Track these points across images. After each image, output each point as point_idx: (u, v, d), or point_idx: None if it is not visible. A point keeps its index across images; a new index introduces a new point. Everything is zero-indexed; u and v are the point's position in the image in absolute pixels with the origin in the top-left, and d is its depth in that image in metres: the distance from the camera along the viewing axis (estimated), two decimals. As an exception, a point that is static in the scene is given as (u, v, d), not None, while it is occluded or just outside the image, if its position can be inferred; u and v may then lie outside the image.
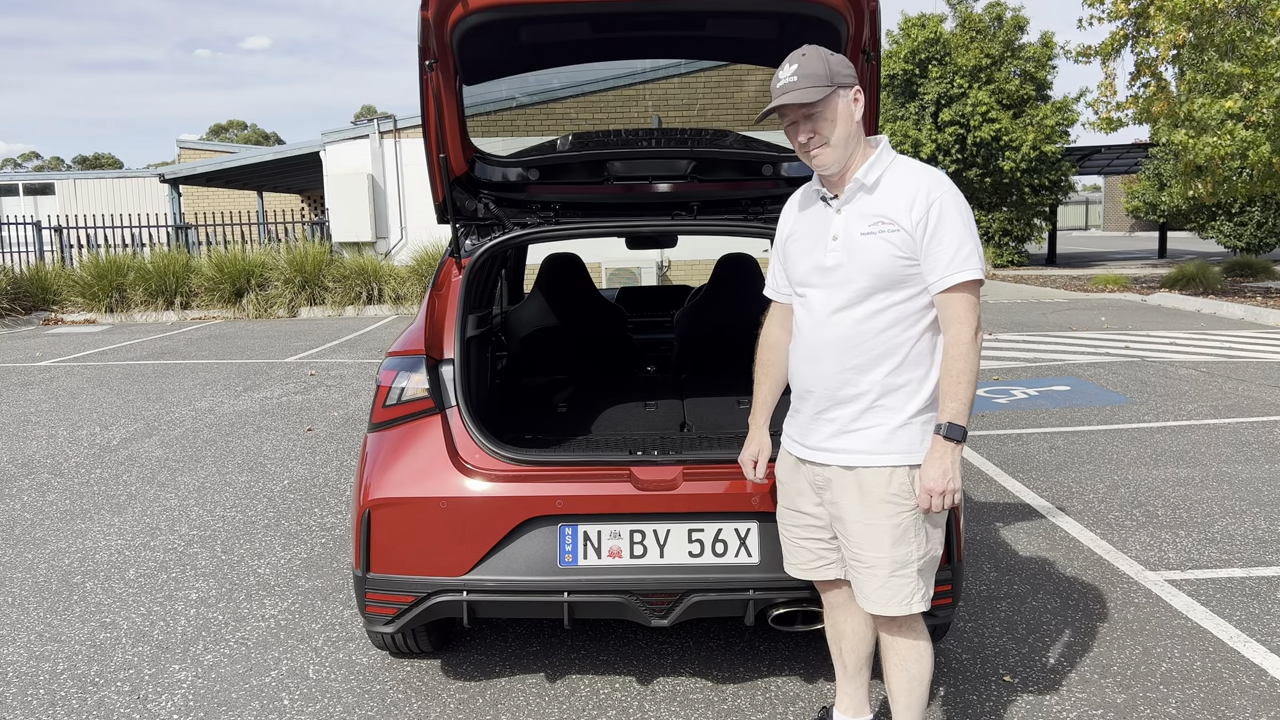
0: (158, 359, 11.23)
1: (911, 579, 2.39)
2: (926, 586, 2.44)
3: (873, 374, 2.35)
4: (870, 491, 2.37)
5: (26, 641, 3.68)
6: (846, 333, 2.36)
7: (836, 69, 2.32)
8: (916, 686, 2.48)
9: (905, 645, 2.48)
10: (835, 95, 2.32)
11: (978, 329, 2.28)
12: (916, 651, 2.48)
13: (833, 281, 2.38)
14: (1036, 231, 27.80)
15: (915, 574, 2.39)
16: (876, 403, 2.35)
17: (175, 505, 5.37)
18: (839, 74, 2.32)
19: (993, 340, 11.68)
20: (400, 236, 18.52)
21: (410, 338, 3.23)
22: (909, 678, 2.48)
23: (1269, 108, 13.72)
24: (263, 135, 70.79)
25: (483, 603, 2.92)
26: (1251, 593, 3.90)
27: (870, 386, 2.35)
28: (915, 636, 2.48)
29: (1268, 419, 7.00)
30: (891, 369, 2.33)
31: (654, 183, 3.69)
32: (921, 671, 2.48)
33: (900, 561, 2.38)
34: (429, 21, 2.98)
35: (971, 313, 2.27)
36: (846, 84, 2.33)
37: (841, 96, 2.33)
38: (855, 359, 2.35)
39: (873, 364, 2.34)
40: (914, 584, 2.40)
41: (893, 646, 2.50)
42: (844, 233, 2.37)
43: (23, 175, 35.02)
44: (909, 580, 2.39)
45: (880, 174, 2.36)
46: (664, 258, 17.74)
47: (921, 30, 25.63)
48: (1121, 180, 37.54)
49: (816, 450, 2.46)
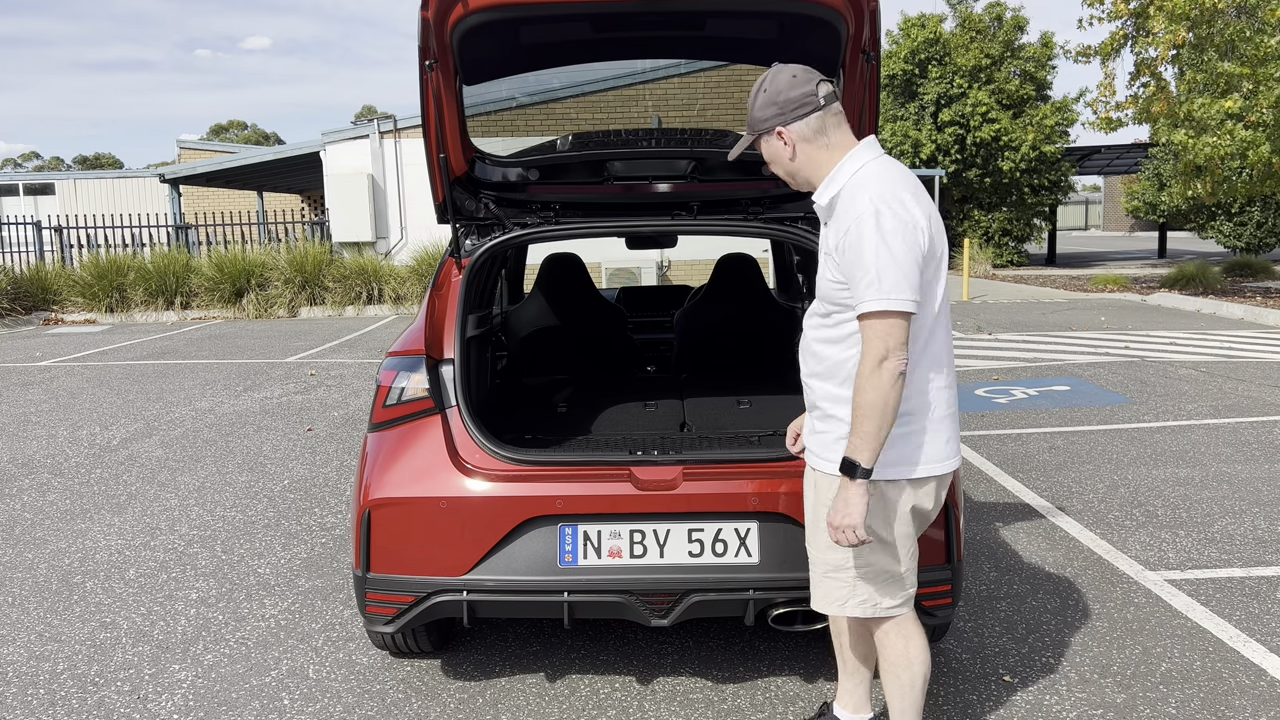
0: (158, 359, 11.23)
1: (846, 584, 2.43)
2: (871, 596, 2.42)
3: (825, 383, 2.43)
4: (821, 492, 2.46)
5: (26, 641, 3.68)
6: (809, 340, 2.47)
7: (756, 117, 2.39)
8: (908, 693, 2.48)
9: (893, 652, 2.48)
10: (760, 141, 2.42)
11: (880, 359, 2.18)
12: (906, 659, 2.47)
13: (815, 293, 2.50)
14: (1036, 231, 27.81)
15: (852, 579, 2.42)
16: (829, 412, 2.43)
17: (175, 505, 5.37)
18: (757, 122, 2.39)
19: (992, 340, 11.69)
20: (400, 236, 18.52)
21: (410, 338, 3.23)
22: (899, 685, 2.48)
23: (1269, 108, 13.72)
24: (263, 135, 70.79)
25: (483, 603, 2.92)
26: (1251, 593, 3.90)
27: (824, 395, 2.43)
28: (902, 644, 2.47)
29: (1268, 419, 7.00)
30: (840, 382, 2.39)
31: (654, 183, 3.69)
32: (912, 679, 2.47)
33: (833, 565, 2.44)
34: (429, 21, 2.98)
35: (877, 342, 2.19)
36: (765, 130, 2.39)
37: (765, 141, 2.41)
38: (813, 366, 2.47)
39: (825, 374, 2.43)
40: (849, 589, 2.43)
41: (881, 652, 2.52)
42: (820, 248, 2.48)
43: (23, 175, 35.02)
44: (842, 584, 2.44)
45: (834, 195, 2.38)
46: (664, 258, 17.74)
47: (921, 30, 25.64)
48: (1121, 180, 37.55)
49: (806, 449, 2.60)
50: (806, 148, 2.37)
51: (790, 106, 2.34)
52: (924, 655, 2.48)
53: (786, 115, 2.35)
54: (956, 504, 3.00)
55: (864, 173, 2.35)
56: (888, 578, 2.42)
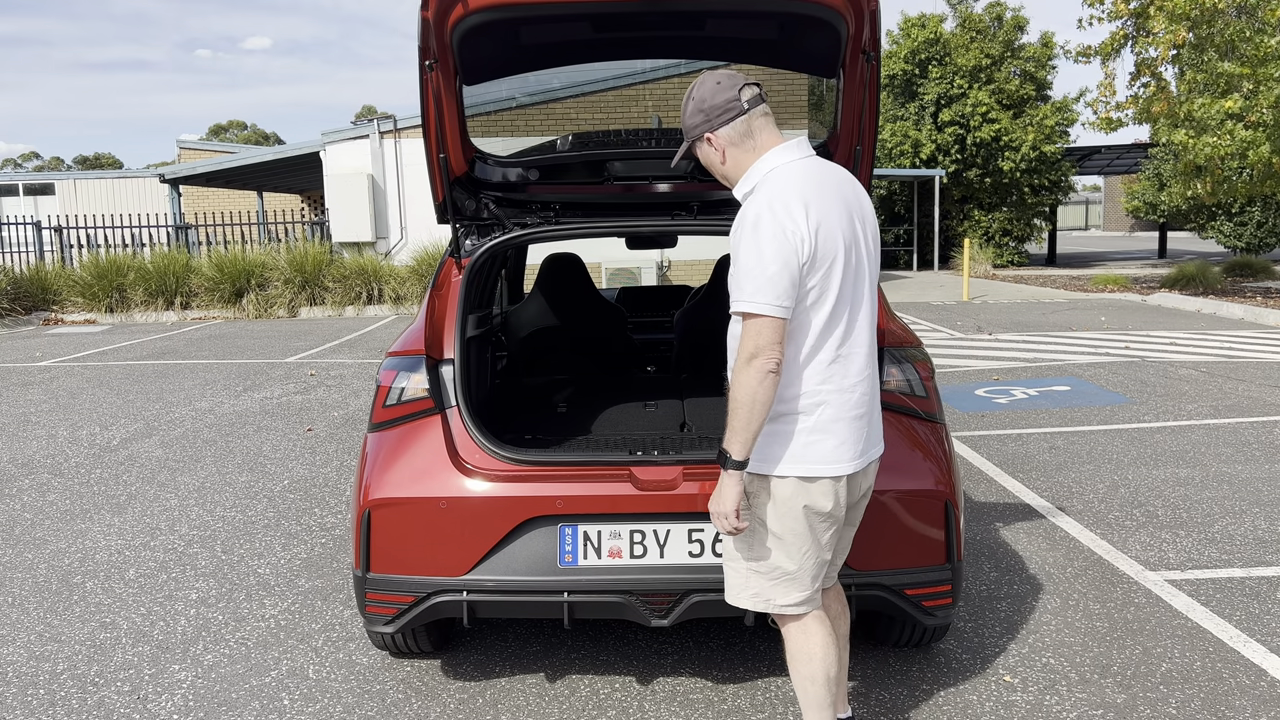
0: (158, 359, 11.23)
1: (739, 574, 2.51)
2: (763, 590, 2.47)
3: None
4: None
5: (26, 641, 3.68)
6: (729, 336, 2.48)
7: (687, 124, 2.46)
8: (809, 686, 2.51)
9: (793, 645, 2.52)
10: (694, 148, 2.49)
11: (752, 356, 2.24)
12: (806, 653, 2.50)
13: None
14: (1036, 231, 27.83)
15: (745, 571, 2.49)
16: None
17: (175, 505, 5.37)
18: (689, 129, 2.47)
19: (993, 340, 11.69)
20: (400, 236, 18.52)
21: (410, 338, 3.23)
22: (800, 677, 2.53)
23: (1269, 108, 13.73)
24: (263, 135, 70.79)
25: (483, 603, 2.92)
26: (1251, 593, 3.90)
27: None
28: (802, 638, 2.51)
29: (1268, 419, 7.00)
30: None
31: (654, 183, 3.69)
32: (812, 673, 2.50)
33: (729, 554, 2.53)
34: (429, 21, 2.98)
35: (747, 340, 2.26)
36: (696, 136, 2.46)
37: (699, 148, 2.47)
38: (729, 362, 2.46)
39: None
40: (743, 579, 2.50)
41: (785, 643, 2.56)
42: None
43: (23, 175, 35.02)
44: (736, 574, 2.52)
45: (745, 194, 2.44)
46: (664, 258, 17.74)
47: (921, 30, 25.65)
48: (1121, 180, 37.57)
49: None
50: (735, 151, 2.43)
51: (715, 113, 2.40)
52: (825, 653, 2.49)
53: (713, 121, 2.41)
54: (956, 504, 3.00)
55: (773, 175, 2.39)
56: (779, 574, 2.46)
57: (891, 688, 3.17)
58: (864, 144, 3.35)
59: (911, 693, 3.14)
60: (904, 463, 2.94)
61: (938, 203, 24.76)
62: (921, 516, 2.94)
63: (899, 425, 2.96)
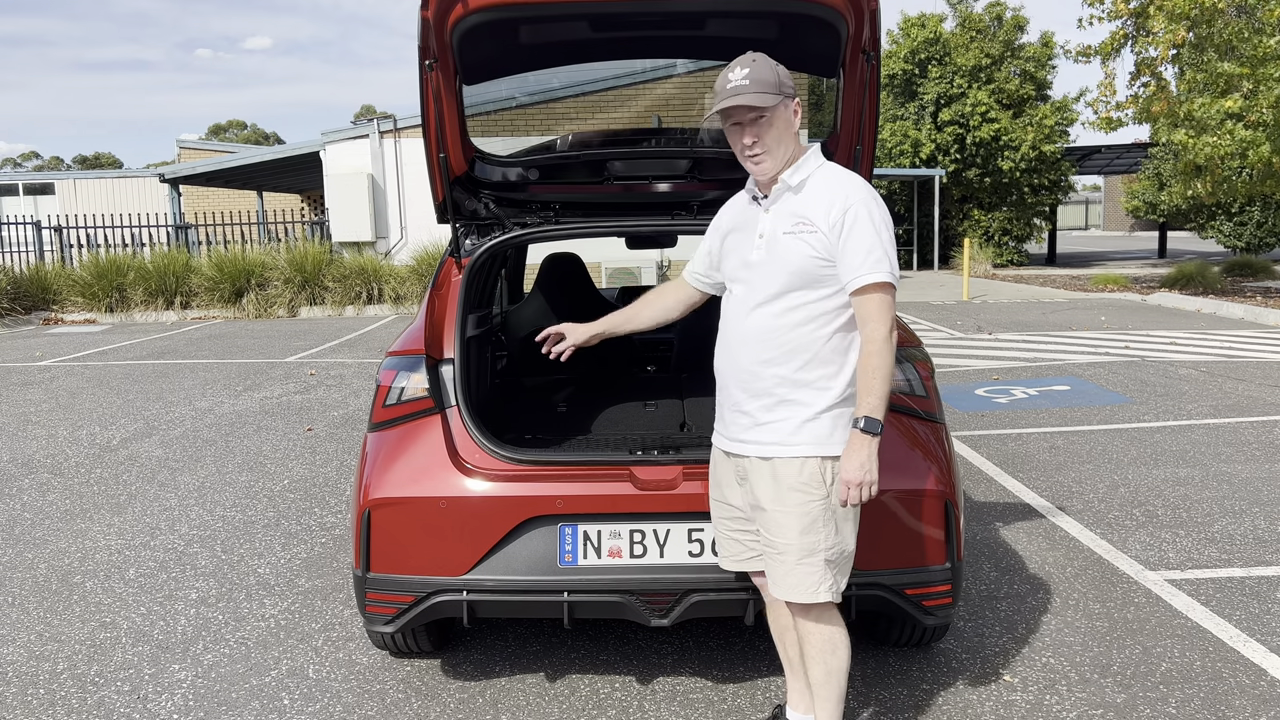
0: (158, 359, 11.23)
1: (818, 567, 2.46)
2: (835, 579, 2.48)
3: (782, 368, 2.45)
4: (783, 480, 2.46)
5: (26, 641, 3.68)
6: (763, 326, 2.47)
7: (784, 79, 2.45)
8: (834, 678, 2.52)
9: (821, 638, 2.52)
10: (782, 104, 2.44)
11: (891, 329, 2.36)
12: (832, 644, 2.52)
13: (755, 277, 2.50)
14: (1036, 231, 27.83)
15: (823, 563, 2.46)
16: (786, 397, 2.45)
17: (175, 505, 5.37)
18: (786, 85, 2.44)
19: (993, 340, 11.69)
20: (400, 236, 18.52)
21: (410, 337, 3.23)
22: (826, 670, 2.52)
23: (1269, 108, 13.72)
24: (263, 135, 70.80)
25: (483, 603, 2.92)
26: (1251, 592, 3.90)
27: (779, 381, 2.45)
28: (831, 628, 2.52)
29: (1268, 419, 7.00)
30: (801, 365, 2.43)
31: (654, 183, 3.69)
32: (839, 664, 2.52)
33: (807, 549, 2.45)
34: (429, 21, 2.98)
35: (884, 312, 2.36)
36: (791, 94, 2.46)
37: (786, 107, 2.46)
38: (768, 353, 2.46)
39: (783, 359, 2.45)
40: (821, 573, 2.46)
41: (808, 639, 2.54)
42: (769, 231, 2.49)
43: (23, 175, 35.01)
44: (815, 569, 2.46)
45: (805, 177, 2.48)
46: (664, 258, 17.73)
47: (921, 30, 25.65)
48: (1121, 180, 37.57)
49: (735, 442, 2.58)
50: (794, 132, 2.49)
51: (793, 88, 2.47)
52: (847, 641, 2.54)
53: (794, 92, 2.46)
54: (957, 504, 3.00)
55: (829, 167, 2.50)
56: (846, 557, 2.50)
57: (891, 688, 3.17)
58: (864, 143, 3.35)
59: (911, 693, 3.14)
60: (904, 462, 2.93)
61: (937, 202, 24.75)
62: (922, 516, 2.94)
63: (899, 425, 2.96)
